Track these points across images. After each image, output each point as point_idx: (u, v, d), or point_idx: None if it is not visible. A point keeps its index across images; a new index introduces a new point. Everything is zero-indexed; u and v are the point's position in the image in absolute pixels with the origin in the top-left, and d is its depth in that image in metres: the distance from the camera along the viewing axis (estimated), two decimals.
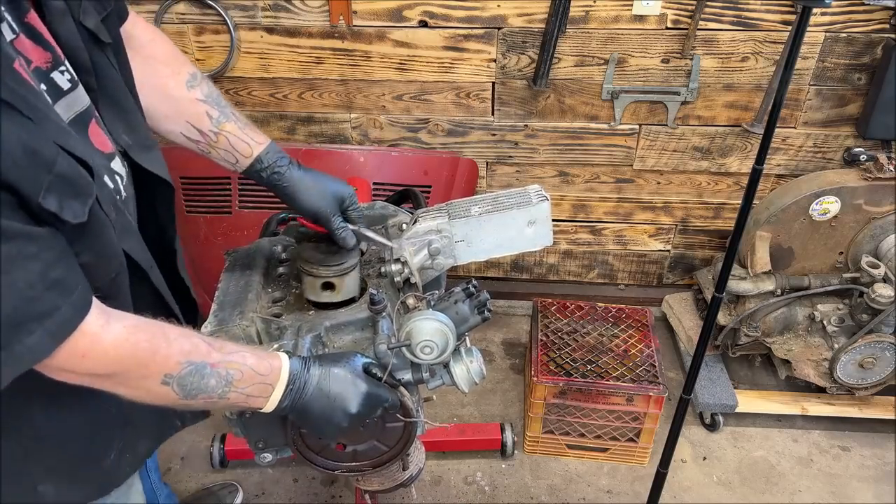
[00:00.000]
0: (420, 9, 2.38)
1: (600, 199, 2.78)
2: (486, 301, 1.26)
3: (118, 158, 1.07)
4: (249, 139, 1.26)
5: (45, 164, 0.82)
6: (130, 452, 1.23)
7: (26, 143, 0.79)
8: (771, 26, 2.36)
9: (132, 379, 0.96)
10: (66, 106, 0.96)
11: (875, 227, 2.35)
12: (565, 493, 2.34)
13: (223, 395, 1.02)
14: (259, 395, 1.06)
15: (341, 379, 1.11)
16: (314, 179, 1.27)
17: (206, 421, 2.51)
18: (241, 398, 1.04)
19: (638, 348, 2.42)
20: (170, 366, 0.96)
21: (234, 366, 1.03)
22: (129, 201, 1.10)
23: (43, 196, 0.81)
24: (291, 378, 1.07)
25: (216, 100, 1.26)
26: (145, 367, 0.95)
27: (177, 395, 0.98)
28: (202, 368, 0.99)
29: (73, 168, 0.86)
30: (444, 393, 2.65)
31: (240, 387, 1.03)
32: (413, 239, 1.28)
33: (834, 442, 2.52)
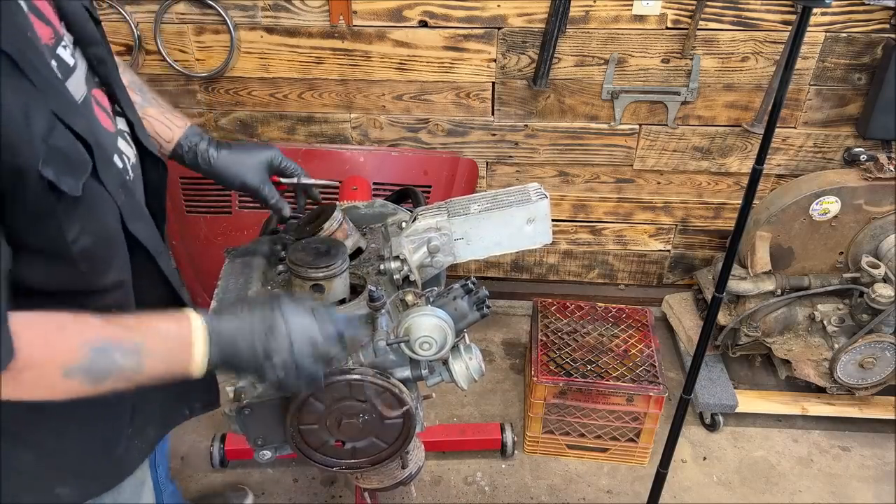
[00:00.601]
0: (420, 9, 2.39)
1: (600, 199, 2.78)
2: (484, 298, 1.26)
3: (122, 139, 1.07)
4: (170, 123, 1.29)
5: (40, 133, 0.81)
6: (139, 439, 1.23)
7: (25, 109, 0.80)
8: (771, 26, 2.36)
9: (28, 382, 0.88)
10: (76, 83, 0.97)
11: (875, 227, 2.35)
12: (565, 493, 2.33)
13: (138, 368, 0.94)
14: (180, 356, 0.97)
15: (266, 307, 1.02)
16: (235, 155, 1.30)
17: (207, 420, 2.54)
18: (160, 365, 0.96)
19: (638, 348, 2.42)
20: (69, 357, 0.89)
21: (140, 335, 0.95)
22: (137, 183, 1.10)
23: (41, 165, 0.81)
24: (210, 329, 0.98)
25: (139, 86, 1.29)
26: (41, 366, 0.88)
27: (82, 385, 0.90)
28: (103, 348, 0.91)
29: (69, 142, 0.86)
30: (444, 393, 2.65)
31: (155, 352, 0.95)
32: (412, 237, 1.28)
33: (834, 442, 2.52)
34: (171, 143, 1.29)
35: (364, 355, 1.20)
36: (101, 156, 0.93)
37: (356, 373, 1.17)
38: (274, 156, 1.32)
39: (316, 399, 1.19)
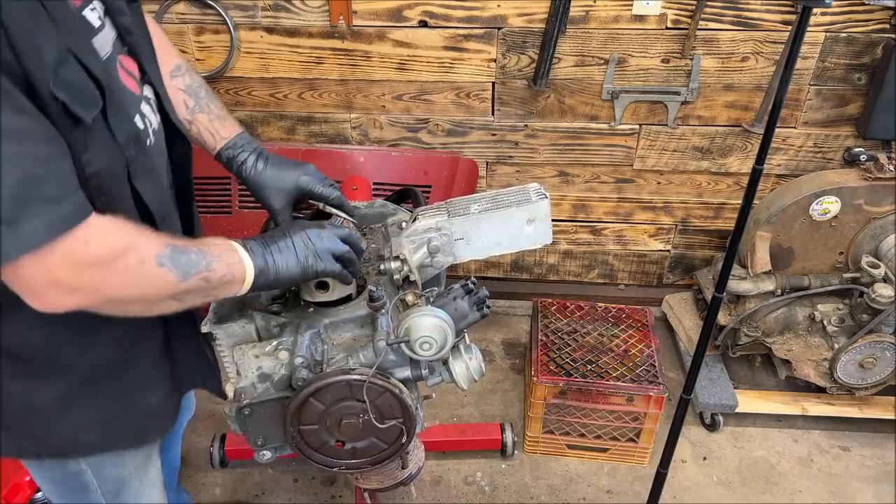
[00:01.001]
0: (420, 9, 2.38)
1: (600, 199, 2.78)
2: (485, 298, 1.26)
3: (147, 105, 1.14)
4: (215, 132, 1.34)
5: (50, 61, 0.88)
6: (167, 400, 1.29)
7: (34, 35, 0.86)
8: (771, 26, 2.36)
9: (132, 266, 0.96)
10: (100, 43, 1.03)
11: (875, 227, 2.35)
12: (565, 493, 2.33)
13: (209, 266, 1.03)
14: (235, 261, 1.08)
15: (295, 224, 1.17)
16: (267, 174, 1.32)
17: (207, 421, 2.54)
18: (225, 268, 1.06)
19: (638, 348, 2.42)
20: (156, 247, 0.98)
21: (195, 241, 1.06)
22: (157, 150, 1.17)
23: (54, 86, 0.87)
24: (241, 243, 1.11)
25: (195, 91, 1.35)
26: (137, 248, 0.96)
27: (175, 275, 0.99)
28: (177, 247, 1.01)
29: (80, 78, 0.93)
30: (444, 393, 2.65)
31: (215, 254, 1.05)
32: (412, 237, 1.28)
33: (834, 442, 2.52)
34: (214, 151, 1.35)
35: (364, 355, 1.20)
36: (113, 102, 1.00)
37: (356, 373, 1.17)
38: (306, 181, 1.32)
39: (316, 399, 1.18)
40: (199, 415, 2.54)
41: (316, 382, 1.16)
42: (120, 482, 1.35)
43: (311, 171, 1.33)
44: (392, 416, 1.22)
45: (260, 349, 1.21)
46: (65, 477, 1.32)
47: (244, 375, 1.22)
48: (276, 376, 1.22)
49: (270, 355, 1.21)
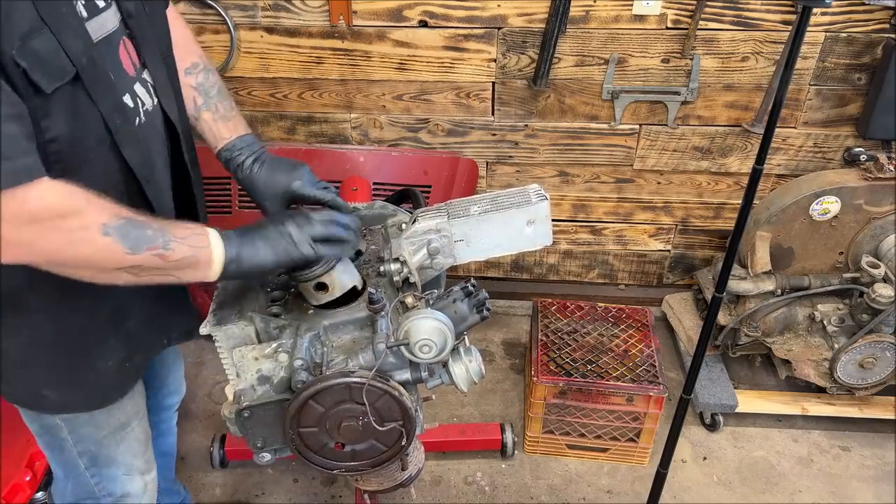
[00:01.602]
0: (420, 9, 2.38)
1: (600, 199, 2.78)
2: (484, 300, 1.26)
3: (142, 86, 1.21)
4: (217, 132, 1.39)
5: (18, 30, 0.94)
6: (125, 362, 1.32)
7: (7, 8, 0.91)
8: (771, 26, 2.36)
9: (73, 228, 0.98)
10: (100, 23, 1.11)
11: (875, 227, 2.35)
12: (565, 493, 2.33)
13: (166, 244, 1.05)
14: (201, 245, 1.09)
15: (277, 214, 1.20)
16: (262, 177, 1.35)
17: (207, 422, 2.54)
18: (186, 250, 1.07)
19: (638, 348, 2.42)
20: (104, 216, 1.00)
21: (163, 222, 1.08)
22: (150, 129, 1.23)
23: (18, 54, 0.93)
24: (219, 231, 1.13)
25: (206, 90, 1.39)
26: (81, 213, 0.98)
27: (122, 247, 1.01)
28: (134, 221, 1.03)
29: (50, 49, 0.98)
30: (444, 393, 2.65)
31: (178, 236, 1.07)
32: (412, 238, 1.28)
33: (834, 442, 2.52)
34: (215, 151, 1.40)
35: (364, 358, 1.20)
36: (95, 76, 1.06)
37: (356, 375, 1.16)
38: (298, 186, 1.34)
39: (315, 402, 1.18)
40: (199, 415, 2.55)
41: (315, 385, 1.16)
42: (96, 444, 1.40)
43: (305, 175, 1.35)
44: (392, 419, 1.22)
45: (259, 351, 1.21)
46: (43, 430, 1.40)
47: (243, 378, 1.22)
48: (275, 378, 1.22)
49: (270, 357, 1.21)
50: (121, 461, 1.46)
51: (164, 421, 1.85)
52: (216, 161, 1.41)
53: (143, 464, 1.52)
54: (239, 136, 1.38)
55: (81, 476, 1.46)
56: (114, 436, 1.42)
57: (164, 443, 1.88)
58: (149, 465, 1.54)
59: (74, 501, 1.53)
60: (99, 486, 1.49)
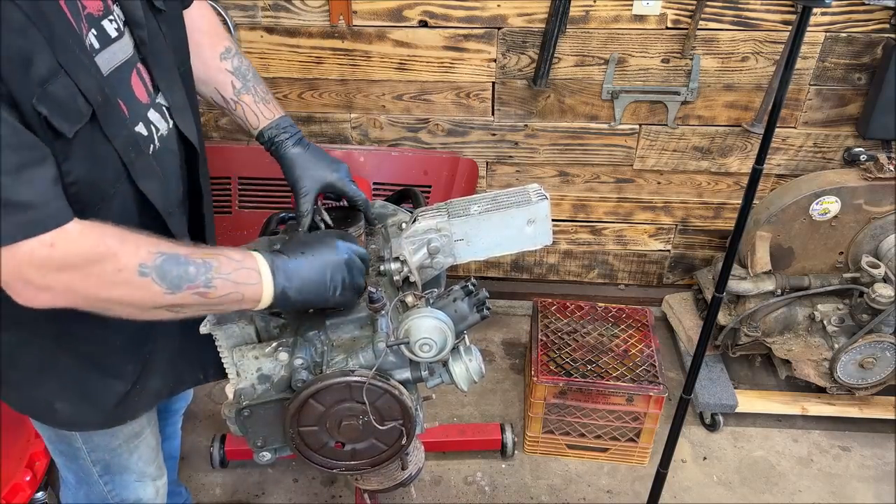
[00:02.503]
0: (420, 9, 2.38)
1: (600, 198, 2.78)
2: (484, 299, 1.26)
3: (157, 112, 1.19)
4: (259, 113, 1.40)
5: (37, 76, 0.92)
6: (144, 385, 1.31)
7: (23, 51, 0.90)
8: (771, 26, 2.36)
9: (108, 273, 0.95)
10: (112, 53, 1.09)
11: (875, 227, 2.35)
12: (565, 493, 2.33)
13: (209, 282, 1.02)
14: (248, 282, 1.06)
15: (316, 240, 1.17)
16: (303, 159, 1.39)
17: (207, 422, 2.54)
18: (231, 286, 1.04)
19: (638, 348, 2.42)
20: (141, 255, 0.98)
21: (208, 254, 1.04)
22: (166, 153, 1.22)
23: (35, 102, 0.91)
24: (270, 260, 1.10)
25: (243, 73, 1.41)
26: (115, 257, 0.96)
27: (160, 287, 0.98)
28: (176, 258, 1.00)
29: (68, 93, 0.96)
30: (444, 393, 2.65)
31: (223, 272, 1.04)
32: (412, 238, 1.28)
33: (834, 442, 2.52)
34: (256, 130, 1.41)
35: (364, 357, 1.20)
36: (109, 113, 1.03)
37: (356, 374, 1.16)
38: (338, 179, 1.39)
39: (316, 401, 1.18)
40: (199, 415, 2.55)
41: (316, 384, 1.16)
42: (110, 453, 1.40)
43: (345, 172, 1.41)
44: (392, 418, 1.22)
45: (260, 350, 1.21)
46: (57, 437, 1.39)
47: (244, 377, 1.22)
48: (275, 377, 1.22)
49: (270, 356, 1.21)
50: (133, 468, 1.46)
51: (171, 425, 1.85)
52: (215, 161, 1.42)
53: (155, 470, 1.51)
54: (282, 116, 1.41)
55: (95, 484, 1.46)
56: (127, 444, 1.41)
57: (169, 446, 1.88)
58: (160, 471, 1.54)
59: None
60: (112, 494, 1.48)
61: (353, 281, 1.17)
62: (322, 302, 1.16)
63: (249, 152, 2.47)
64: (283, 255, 1.12)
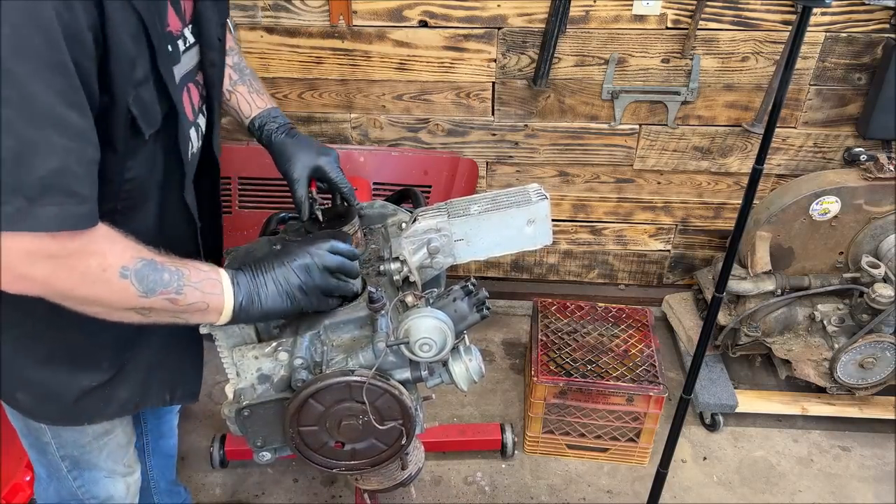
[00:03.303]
0: (420, 9, 2.38)
1: (600, 198, 2.78)
2: (484, 299, 1.26)
3: (195, 130, 1.25)
4: (252, 103, 1.47)
5: (135, 79, 1.00)
6: (110, 391, 1.31)
7: (132, 54, 0.98)
8: (771, 26, 2.36)
9: (92, 270, 0.98)
10: (186, 62, 1.16)
11: (875, 227, 2.35)
12: (565, 493, 2.33)
13: (179, 289, 1.06)
14: (213, 292, 1.09)
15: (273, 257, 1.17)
16: (292, 145, 1.42)
17: (207, 422, 2.54)
18: (199, 295, 1.08)
19: (638, 348, 2.42)
20: (125, 258, 1.01)
21: (180, 264, 1.08)
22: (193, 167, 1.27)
23: (131, 101, 0.99)
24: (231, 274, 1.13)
25: (241, 69, 1.49)
26: (103, 255, 0.99)
27: (136, 289, 1.01)
28: (153, 264, 1.04)
29: (151, 99, 1.04)
30: (444, 393, 2.65)
31: (192, 280, 1.07)
32: (412, 237, 1.28)
33: (834, 442, 2.52)
34: (248, 119, 1.47)
35: (364, 357, 1.20)
36: (180, 122, 1.12)
37: (356, 374, 1.16)
38: (326, 162, 1.41)
39: (315, 401, 1.18)
40: (198, 415, 2.55)
41: (315, 384, 1.16)
42: (79, 449, 1.41)
43: (333, 157, 1.43)
44: (392, 418, 1.22)
45: (259, 350, 1.21)
46: (27, 430, 1.41)
47: (243, 377, 1.22)
48: (275, 377, 1.22)
49: (270, 356, 1.21)
50: (102, 466, 1.46)
51: (166, 423, 1.85)
52: None
53: (125, 467, 1.51)
54: (272, 107, 1.47)
55: (64, 479, 1.47)
56: (97, 441, 1.42)
57: (165, 444, 1.88)
58: (131, 468, 1.54)
59: (58, 501, 1.53)
60: (82, 490, 1.49)
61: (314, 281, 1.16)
62: (283, 313, 1.18)
63: (249, 152, 2.47)
64: (242, 272, 1.14)
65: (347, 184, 1.43)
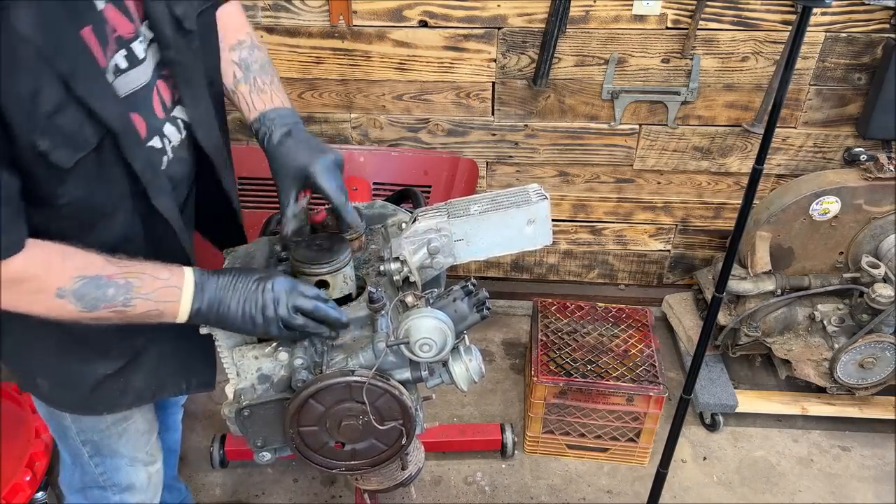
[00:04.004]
0: (420, 9, 2.38)
1: (600, 198, 2.78)
2: (484, 299, 1.26)
3: (172, 125, 1.22)
4: (251, 104, 1.37)
5: (44, 111, 0.95)
6: (126, 380, 1.33)
7: (31, 87, 0.92)
8: (771, 26, 2.36)
9: (29, 291, 1.03)
10: (139, 73, 1.12)
11: (875, 227, 2.35)
12: (565, 493, 2.33)
13: (127, 302, 1.08)
14: (168, 300, 1.11)
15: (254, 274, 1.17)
16: (284, 152, 1.29)
17: (207, 422, 2.54)
18: (150, 304, 1.10)
19: (638, 348, 2.42)
20: (62, 280, 1.04)
21: (134, 275, 1.09)
22: (178, 164, 1.25)
23: (39, 135, 0.95)
24: (199, 280, 1.13)
25: (247, 65, 1.38)
26: (37, 278, 1.03)
27: (74, 307, 1.05)
28: (97, 280, 1.05)
29: (76, 124, 0.99)
30: (444, 393, 2.65)
31: (143, 292, 1.09)
32: (412, 238, 1.28)
33: (834, 442, 2.52)
34: (248, 121, 1.38)
35: (364, 357, 1.20)
36: (126, 137, 1.07)
37: (356, 374, 1.16)
38: (316, 171, 1.24)
39: (315, 401, 1.18)
40: (198, 415, 2.55)
41: (315, 384, 1.16)
42: (98, 434, 1.43)
43: (327, 163, 1.25)
44: (392, 418, 1.22)
45: (259, 350, 1.21)
46: (49, 415, 1.43)
47: (244, 377, 1.22)
48: (275, 378, 1.22)
49: (270, 356, 1.21)
50: (123, 452, 1.48)
51: (170, 416, 1.86)
52: None
53: (146, 455, 1.53)
54: (273, 108, 1.33)
55: (87, 465, 1.49)
56: (116, 427, 1.43)
57: (169, 438, 1.88)
58: (152, 457, 1.56)
59: (82, 487, 1.55)
60: (103, 477, 1.51)
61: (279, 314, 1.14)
62: (240, 331, 1.18)
63: (249, 152, 2.46)
64: (217, 277, 1.15)
65: (340, 195, 1.26)
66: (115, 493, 1.54)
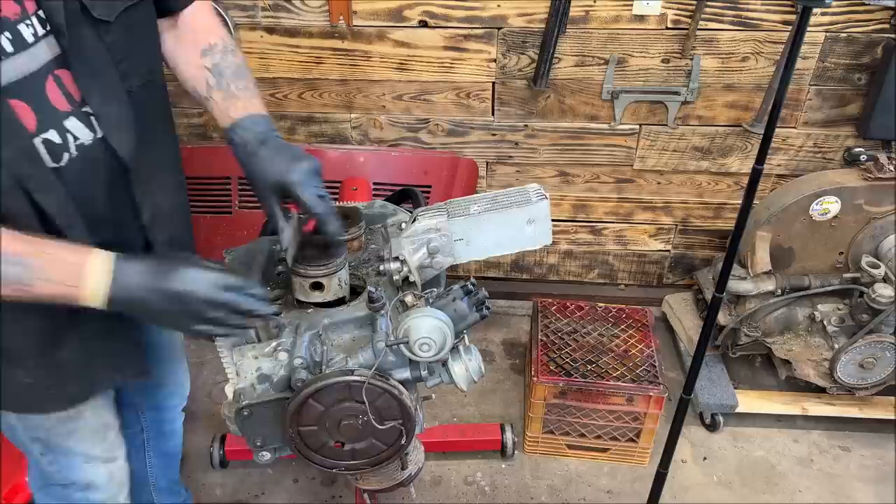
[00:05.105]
0: (420, 9, 2.38)
1: (600, 199, 2.78)
2: (484, 299, 1.26)
3: (78, 119, 1.14)
4: (224, 111, 1.29)
5: None
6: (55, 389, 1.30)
7: None
8: (771, 26, 2.36)
9: None
10: (30, 57, 1.06)
11: (875, 227, 2.35)
12: (565, 493, 2.33)
13: (29, 282, 1.04)
14: (70, 284, 1.06)
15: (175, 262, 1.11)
16: (259, 162, 1.23)
17: (207, 422, 2.54)
18: (52, 286, 1.05)
19: (638, 348, 2.42)
20: None
21: (38, 255, 1.05)
22: (87, 164, 1.16)
23: None
24: (115, 265, 1.07)
25: (220, 71, 1.31)
26: None
27: None
28: (5, 258, 1.01)
29: None
30: (444, 393, 2.65)
31: (45, 274, 1.05)
32: (412, 237, 1.28)
33: (834, 442, 2.52)
34: (223, 130, 1.31)
35: (363, 357, 1.20)
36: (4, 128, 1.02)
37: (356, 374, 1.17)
38: (293, 180, 1.19)
39: (315, 400, 1.18)
40: (199, 415, 2.55)
41: (315, 383, 1.16)
42: (45, 431, 1.39)
43: (305, 170, 1.20)
44: (391, 418, 1.22)
45: (259, 350, 1.21)
46: None
47: (243, 376, 1.22)
48: (275, 377, 1.22)
49: (269, 356, 1.21)
50: (77, 450, 1.44)
51: (168, 422, 1.84)
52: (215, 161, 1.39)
53: (103, 452, 1.49)
54: (248, 115, 1.26)
55: (40, 462, 1.46)
56: (63, 425, 1.39)
57: (167, 444, 1.87)
58: (111, 454, 1.51)
59: (43, 485, 1.53)
60: (59, 475, 1.47)
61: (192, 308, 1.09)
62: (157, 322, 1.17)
63: None
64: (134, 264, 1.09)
65: (320, 204, 1.20)
66: (76, 490, 1.50)
